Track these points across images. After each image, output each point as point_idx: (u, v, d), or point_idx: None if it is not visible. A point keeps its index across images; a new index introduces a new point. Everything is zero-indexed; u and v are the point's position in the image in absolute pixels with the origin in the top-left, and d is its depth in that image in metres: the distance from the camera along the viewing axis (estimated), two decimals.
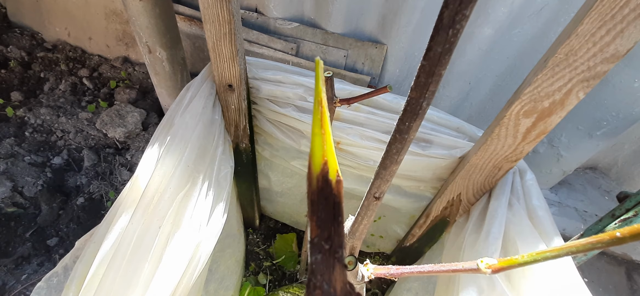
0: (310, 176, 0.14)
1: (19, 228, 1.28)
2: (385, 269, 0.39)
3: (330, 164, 0.14)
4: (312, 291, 0.14)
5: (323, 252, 0.14)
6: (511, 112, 0.53)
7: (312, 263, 0.14)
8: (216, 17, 0.60)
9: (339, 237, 0.14)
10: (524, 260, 0.26)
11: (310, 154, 0.14)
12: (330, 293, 0.14)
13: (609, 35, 0.40)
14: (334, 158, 0.14)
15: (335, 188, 0.14)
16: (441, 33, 0.21)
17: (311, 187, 0.14)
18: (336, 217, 0.14)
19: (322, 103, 0.14)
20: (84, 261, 0.50)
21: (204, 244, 0.62)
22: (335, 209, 0.14)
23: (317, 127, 0.14)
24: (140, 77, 1.89)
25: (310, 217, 0.14)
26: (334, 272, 0.14)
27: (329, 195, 0.14)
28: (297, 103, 0.81)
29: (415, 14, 1.14)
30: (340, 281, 0.14)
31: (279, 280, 1.28)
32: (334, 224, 0.14)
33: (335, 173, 0.14)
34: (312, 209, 0.14)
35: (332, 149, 0.14)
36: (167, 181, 0.57)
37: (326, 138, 0.14)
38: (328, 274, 0.14)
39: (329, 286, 0.14)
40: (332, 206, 0.14)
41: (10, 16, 2.04)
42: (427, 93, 0.25)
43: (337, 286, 0.14)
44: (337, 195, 0.14)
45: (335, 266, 0.14)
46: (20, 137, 1.54)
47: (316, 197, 0.14)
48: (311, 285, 0.14)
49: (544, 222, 0.57)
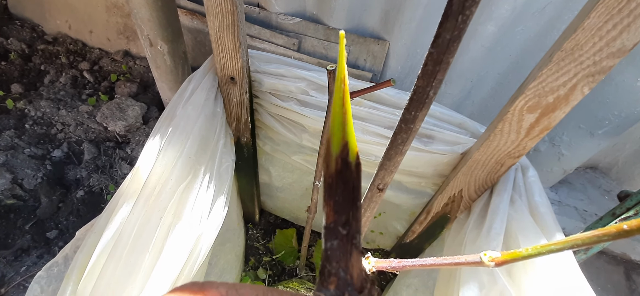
0: (328, 157, 0.13)
1: (19, 220, 1.28)
2: (387, 262, 0.39)
3: (350, 146, 0.13)
4: (327, 279, 0.13)
5: (340, 238, 0.13)
6: (515, 108, 0.53)
7: (327, 250, 0.13)
8: (219, 8, 0.60)
9: (356, 222, 0.13)
10: (528, 253, 0.26)
11: (330, 134, 0.13)
12: (346, 280, 0.13)
13: (615, 29, 0.40)
14: (354, 140, 0.13)
15: (355, 172, 0.13)
16: (450, 19, 0.21)
17: (329, 170, 0.13)
18: (355, 201, 0.13)
19: (344, 81, 0.14)
20: (85, 251, 0.50)
21: (205, 237, 0.62)
22: (355, 193, 0.13)
23: (338, 105, 0.13)
24: (141, 71, 1.89)
25: (326, 201, 0.13)
26: (351, 258, 0.13)
27: (349, 179, 0.13)
28: (300, 97, 0.81)
29: (418, 10, 1.14)
30: (357, 268, 0.13)
31: (279, 275, 1.29)
32: (353, 209, 0.13)
33: (355, 156, 0.13)
34: (330, 193, 0.13)
35: (353, 130, 0.13)
36: (168, 173, 0.57)
37: (347, 118, 0.13)
38: (345, 261, 0.13)
39: (346, 273, 0.13)
40: (351, 190, 0.13)
41: (10, 8, 2.03)
42: (434, 82, 0.24)
43: (353, 273, 0.13)
44: (357, 178, 0.13)
45: (353, 252, 0.13)
46: (20, 129, 1.53)
47: (334, 180, 0.13)
48: (325, 273, 0.13)
49: (546, 219, 0.57)
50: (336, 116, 0.13)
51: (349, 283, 0.13)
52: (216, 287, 0.14)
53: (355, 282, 0.13)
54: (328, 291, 0.14)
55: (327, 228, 0.13)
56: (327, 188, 0.13)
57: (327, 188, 0.13)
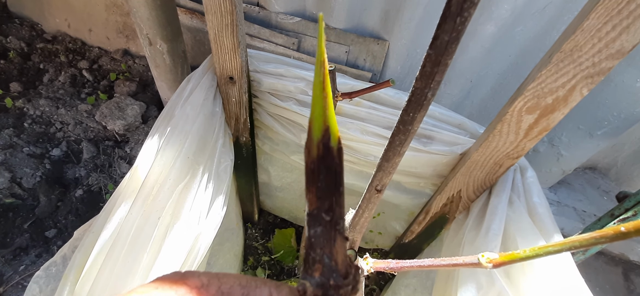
0: (309, 143, 0.13)
1: (17, 219, 1.28)
2: (385, 263, 0.39)
3: (332, 130, 0.13)
4: (311, 266, 0.13)
5: (323, 224, 0.13)
6: (514, 109, 0.52)
7: (310, 237, 0.13)
8: (218, 8, 0.59)
9: (340, 208, 0.13)
10: (525, 254, 0.26)
11: (310, 120, 0.13)
12: (331, 266, 0.13)
13: (614, 31, 0.40)
14: (336, 125, 0.13)
15: (337, 156, 0.13)
16: (449, 21, 0.21)
17: (311, 155, 0.13)
18: (337, 186, 0.13)
19: (323, 65, 0.13)
20: (83, 251, 0.49)
21: (203, 236, 0.62)
22: (337, 179, 0.13)
23: (318, 89, 0.13)
24: (140, 70, 1.88)
25: (308, 188, 0.13)
26: (335, 245, 0.13)
27: (331, 164, 0.13)
28: (299, 97, 0.81)
29: (418, 9, 1.14)
30: (342, 254, 0.13)
31: (278, 275, 1.29)
32: (335, 194, 0.13)
33: (336, 140, 0.13)
34: (312, 179, 0.13)
35: (334, 115, 0.13)
36: (167, 172, 0.57)
37: (328, 102, 0.13)
38: (329, 247, 0.13)
39: (330, 260, 0.13)
40: (334, 175, 0.13)
41: (10, 6, 2.02)
42: (432, 84, 0.24)
43: (338, 259, 0.13)
44: (339, 163, 0.13)
45: (337, 238, 0.13)
46: (19, 128, 1.53)
47: (316, 166, 0.13)
48: (310, 260, 0.13)
49: (544, 220, 0.57)
50: (317, 100, 0.13)
51: (333, 269, 0.13)
52: (198, 276, 0.13)
53: (340, 268, 0.13)
54: (313, 279, 0.13)
55: (310, 215, 0.13)
56: (309, 174, 0.13)
57: (309, 175, 0.13)
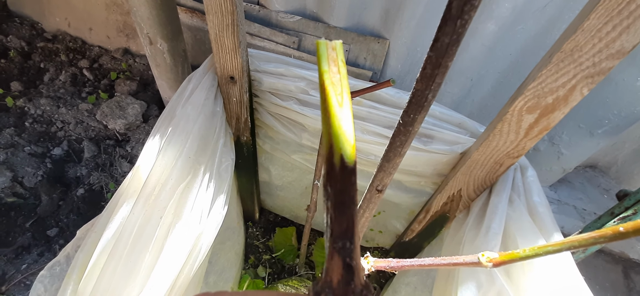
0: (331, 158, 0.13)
1: (19, 218, 1.28)
2: (386, 262, 0.39)
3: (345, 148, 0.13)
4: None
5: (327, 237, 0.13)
6: (514, 108, 0.53)
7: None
8: (219, 8, 0.59)
9: (338, 225, 0.13)
10: (525, 253, 0.26)
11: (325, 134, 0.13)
12: (326, 281, 0.13)
13: (615, 31, 0.40)
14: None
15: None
16: (449, 23, 0.21)
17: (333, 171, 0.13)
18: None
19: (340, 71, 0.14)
20: (85, 251, 0.50)
21: (205, 236, 0.62)
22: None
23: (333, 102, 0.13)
24: (141, 69, 1.88)
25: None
26: (332, 260, 0.13)
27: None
28: (299, 97, 0.81)
29: (418, 8, 1.14)
30: (337, 273, 0.14)
31: (278, 273, 1.29)
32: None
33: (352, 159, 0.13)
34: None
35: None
36: (168, 172, 0.57)
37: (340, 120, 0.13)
38: (328, 261, 0.13)
39: (326, 275, 0.14)
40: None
41: (10, 5, 2.02)
42: (433, 85, 0.25)
43: (333, 276, 0.14)
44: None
45: (333, 256, 0.14)
46: (20, 127, 1.53)
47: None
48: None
49: (545, 219, 0.57)
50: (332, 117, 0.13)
51: (328, 284, 0.14)
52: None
53: (335, 287, 0.14)
54: (317, 284, 0.14)
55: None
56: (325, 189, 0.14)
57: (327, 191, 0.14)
